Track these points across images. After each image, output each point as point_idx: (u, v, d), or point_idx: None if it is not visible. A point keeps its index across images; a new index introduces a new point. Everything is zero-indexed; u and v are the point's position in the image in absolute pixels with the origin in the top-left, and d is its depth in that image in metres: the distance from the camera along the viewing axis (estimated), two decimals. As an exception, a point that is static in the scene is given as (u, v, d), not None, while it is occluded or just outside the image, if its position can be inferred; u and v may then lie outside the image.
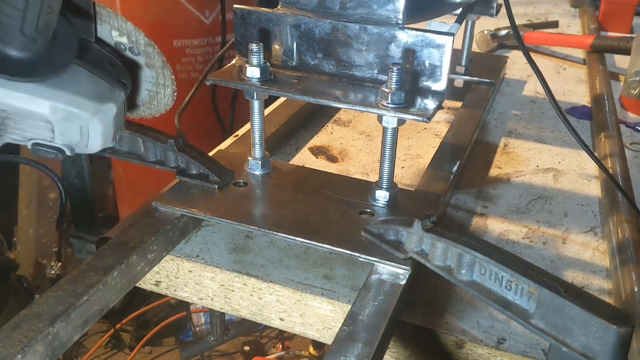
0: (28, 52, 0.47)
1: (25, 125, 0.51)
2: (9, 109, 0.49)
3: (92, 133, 0.52)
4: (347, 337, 0.57)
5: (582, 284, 0.72)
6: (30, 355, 0.53)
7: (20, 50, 0.46)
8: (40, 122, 0.50)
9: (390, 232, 0.67)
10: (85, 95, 0.50)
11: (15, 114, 0.49)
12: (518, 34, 0.83)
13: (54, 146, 0.52)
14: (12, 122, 0.50)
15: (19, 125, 0.51)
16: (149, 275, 0.75)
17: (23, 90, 0.48)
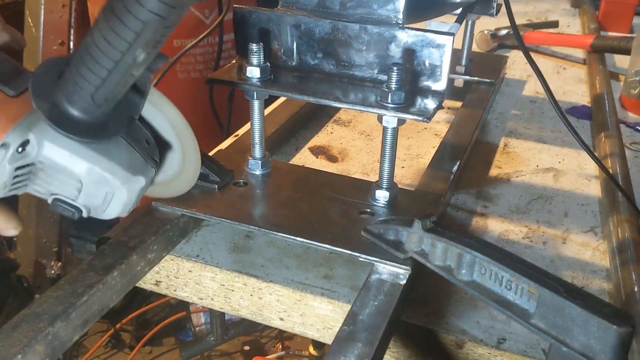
0: (89, 116, 0.48)
1: (55, 180, 0.52)
2: (47, 162, 0.50)
3: (115, 200, 0.54)
4: (347, 337, 0.57)
5: (582, 284, 0.72)
6: (30, 355, 0.53)
7: (83, 112, 0.48)
8: (70, 180, 0.51)
9: (390, 232, 0.67)
10: (120, 164, 0.51)
11: (51, 167, 0.50)
12: (518, 33, 0.83)
13: (74, 205, 0.53)
14: (44, 175, 0.51)
15: (48, 178, 0.52)
16: (149, 275, 0.75)
17: (68, 147, 0.49)
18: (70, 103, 0.48)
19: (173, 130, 0.58)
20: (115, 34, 0.43)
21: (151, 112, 0.57)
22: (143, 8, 0.41)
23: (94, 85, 0.46)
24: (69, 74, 0.47)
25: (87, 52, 0.45)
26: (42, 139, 0.49)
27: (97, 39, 0.44)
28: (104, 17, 0.43)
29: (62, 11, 2.13)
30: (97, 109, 0.48)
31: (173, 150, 0.60)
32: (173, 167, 0.61)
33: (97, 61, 0.45)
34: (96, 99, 0.47)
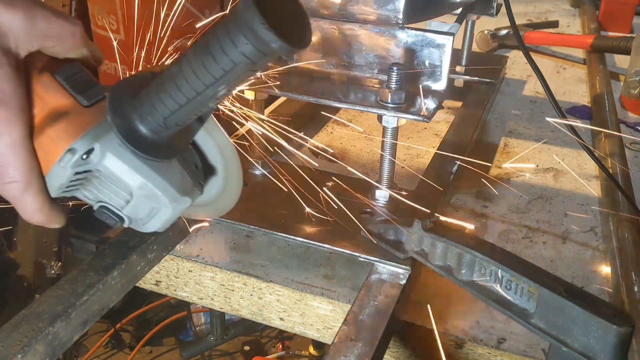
0: (156, 136, 0.51)
1: (106, 188, 0.54)
2: (104, 172, 0.52)
3: (158, 216, 0.56)
4: (347, 337, 0.57)
5: (582, 284, 0.72)
6: (30, 354, 0.53)
7: (151, 132, 0.51)
8: (122, 191, 0.54)
9: (390, 232, 0.67)
10: (172, 184, 0.54)
11: (107, 177, 0.53)
12: (518, 33, 0.83)
13: (118, 214, 0.55)
14: (97, 182, 0.54)
15: (101, 186, 0.54)
16: (149, 275, 0.75)
17: (128, 161, 0.52)
18: (142, 122, 0.50)
19: (220, 156, 0.61)
20: (204, 69, 0.45)
21: (203, 136, 0.59)
22: (237, 50, 0.42)
23: (170, 110, 0.49)
24: (147, 95, 0.49)
25: (172, 80, 0.47)
26: (106, 150, 0.51)
27: (185, 70, 0.46)
28: (195, 51, 0.45)
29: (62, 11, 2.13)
30: (165, 131, 0.51)
31: (217, 175, 0.62)
32: (214, 190, 0.63)
33: (180, 89, 0.47)
34: (168, 122, 0.50)
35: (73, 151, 0.50)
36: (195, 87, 0.47)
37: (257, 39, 0.41)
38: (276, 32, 0.40)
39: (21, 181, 0.49)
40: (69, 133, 0.50)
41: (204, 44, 0.45)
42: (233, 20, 0.42)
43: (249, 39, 0.41)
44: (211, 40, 0.44)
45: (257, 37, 0.41)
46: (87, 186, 0.55)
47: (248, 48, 0.42)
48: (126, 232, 0.69)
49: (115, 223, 0.56)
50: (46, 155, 0.51)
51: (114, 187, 0.54)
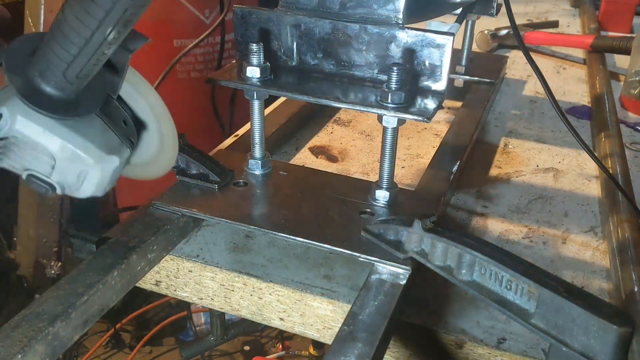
0: (62, 92, 0.49)
1: (28, 155, 0.52)
2: (20, 137, 0.50)
3: (88, 179, 0.54)
4: (347, 337, 0.57)
5: (582, 284, 0.72)
6: (30, 355, 0.53)
7: (55, 89, 0.49)
8: (44, 156, 0.52)
9: (390, 232, 0.67)
10: (94, 143, 0.52)
11: (24, 143, 0.51)
12: (518, 33, 0.83)
13: (47, 181, 0.54)
14: (17, 150, 0.52)
15: (21, 153, 0.52)
16: (149, 275, 0.75)
17: (41, 123, 0.50)
18: (43, 79, 0.48)
19: (152, 112, 0.58)
20: (85, 12, 0.43)
21: (131, 93, 0.57)
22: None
23: (65, 62, 0.47)
24: (42, 50, 0.47)
25: (59, 29, 0.45)
26: (16, 113, 0.49)
27: (68, 16, 0.44)
28: None
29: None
30: (70, 86, 0.49)
31: (150, 132, 0.60)
32: (150, 149, 0.61)
33: (67, 38, 0.45)
34: (68, 75, 0.48)
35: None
36: (82, 34, 0.45)
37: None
38: None
39: None
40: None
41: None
42: None
43: None
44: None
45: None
46: (8, 155, 0.53)
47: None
48: (126, 232, 0.69)
49: (46, 191, 0.55)
50: None
51: (35, 153, 0.52)
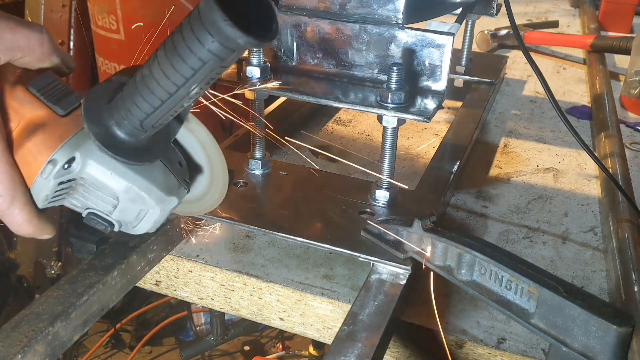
0: (135, 139, 0.51)
1: (92, 195, 0.55)
2: (88, 179, 0.53)
3: (147, 218, 0.57)
4: (347, 337, 0.57)
5: (582, 284, 0.72)
6: (30, 355, 0.53)
7: (130, 136, 0.51)
8: (108, 197, 0.54)
9: (390, 232, 0.67)
10: (156, 185, 0.55)
11: (90, 184, 0.54)
12: (518, 33, 0.83)
13: (107, 220, 0.56)
14: (83, 190, 0.55)
15: (86, 193, 0.55)
16: (149, 275, 0.75)
17: (110, 167, 0.52)
18: (119, 127, 0.51)
19: (204, 152, 0.61)
20: (174, 69, 0.45)
21: (184, 134, 0.59)
22: (204, 48, 0.42)
23: (145, 113, 0.49)
24: (122, 100, 0.50)
25: (144, 83, 0.47)
26: (87, 157, 0.52)
27: (155, 72, 0.46)
28: (164, 52, 0.45)
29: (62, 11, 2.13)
30: (143, 134, 0.51)
31: (203, 172, 0.63)
32: (201, 187, 0.64)
33: (152, 92, 0.47)
34: (144, 125, 0.50)
35: (54, 162, 0.51)
36: (167, 89, 0.47)
37: (223, 36, 0.41)
38: (241, 28, 0.40)
39: (6, 195, 0.50)
40: (48, 145, 0.51)
41: (171, 44, 0.44)
42: (197, 19, 0.42)
43: (215, 37, 0.41)
44: (178, 40, 0.44)
45: (222, 34, 0.41)
46: (73, 194, 0.55)
47: (215, 46, 0.42)
48: (125, 233, 0.69)
49: (105, 228, 0.57)
50: (28, 168, 0.51)
51: (100, 194, 0.54)
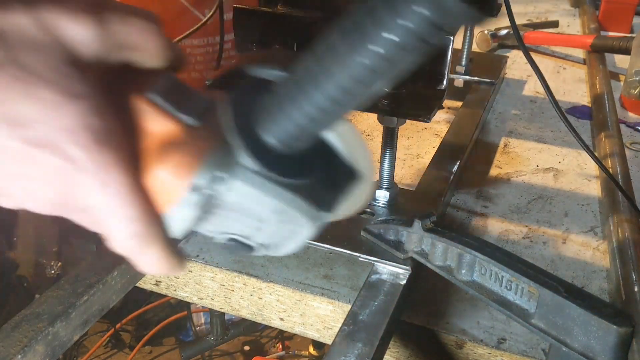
0: (287, 150, 0.42)
1: (234, 219, 0.44)
2: (231, 201, 0.42)
3: (296, 238, 0.47)
4: (347, 337, 0.57)
5: (582, 284, 0.72)
6: (30, 355, 0.53)
7: (284, 146, 0.42)
8: (252, 219, 0.44)
9: (390, 232, 0.67)
10: (309, 200, 0.44)
11: (234, 206, 0.43)
12: (518, 33, 0.83)
13: (248, 244, 0.46)
14: (222, 213, 0.43)
15: (225, 217, 0.44)
16: (149, 275, 0.75)
17: (259, 186, 0.42)
18: (273, 136, 0.41)
19: (354, 162, 0.51)
20: (356, 57, 0.35)
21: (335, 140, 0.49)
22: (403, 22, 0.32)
23: (309, 118, 0.39)
24: (276, 103, 0.40)
25: (309, 79, 0.37)
26: (233, 177, 0.41)
27: (327, 62, 0.36)
28: (340, 35, 0.34)
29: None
30: (301, 144, 0.42)
31: (353, 177, 0.52)
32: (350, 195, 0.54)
33: (321, 90, 0.37)
34: (305, 132, 0.40)
35: (196, 187, 0.40)
36: (344, 84, 0.36)
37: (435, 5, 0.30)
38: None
39: (142, 234, 0.39)
40: (186, 166, 0.40)
41: (351, 25, 0.34)
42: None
43: (422, 5, 0.31)
44: (361, 18, 0.33)
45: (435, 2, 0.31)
46: (209, 219, 0.44)
47: (418, 19, 0.31)
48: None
49: (245, 253, 0.47)
50: (163, 195, 0.40)
51: (243, 216, 0.44)
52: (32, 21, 0.34)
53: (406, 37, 0.32)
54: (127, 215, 0.38)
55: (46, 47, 0.34)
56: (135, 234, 0.38)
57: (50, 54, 0.34)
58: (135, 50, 0.39)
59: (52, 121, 0.34)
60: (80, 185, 0.36)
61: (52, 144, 0.34)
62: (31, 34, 0.34)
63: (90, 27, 0.35)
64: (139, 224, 0.38)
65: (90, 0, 0.36)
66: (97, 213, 0.38)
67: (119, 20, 0.37)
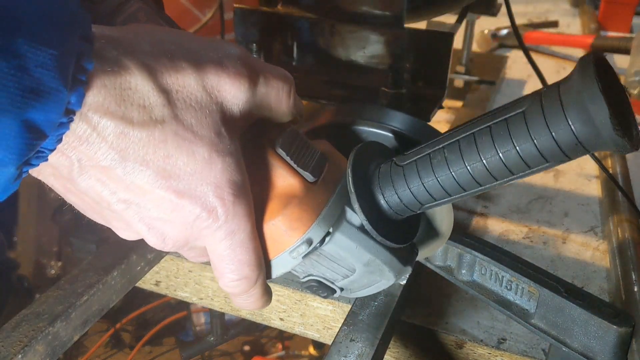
0: (398, 217, 0.45)
1: (325, 265, 0.48)
2: (329, 251, 0.45)
3: (375, 286, 0.50)
4: (347, 337, 0.57)
5: (582, 284, 0.72)
6: (30, 355, 0.53)
7: (396, 213, 0.45)
8: (343, 268, 0.48)
9: (390, 232, 0.67)
10: (397, 255, 0.48)
11: (329, 256, 0.46)
12: (518, 33, 0.83)
13: (331, 287, 0.49)
14: (315, 260, 0.47)
15: (318, 264, 0.47)
16: (149, 275, 0.75)
17: (357, 240, 0.45)
18: (388, 203, 0.44)
19: (441, 225, 0.55)
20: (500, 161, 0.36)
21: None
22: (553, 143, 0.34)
23: (434, 199, 0.42)
24: (402, 177, 0.43)
25: (445, 167, 0.40)
26: (338, 231, 0.44)
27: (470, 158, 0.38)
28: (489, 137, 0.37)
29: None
30: (412, 214, 0.45)
31: (435, 241, 0.56)
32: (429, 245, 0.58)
33: (457, 181, 0.39)
34: (424, 207, 0.43)
35: (309, 241, 0.43)
36: (480, 179, 0.38)
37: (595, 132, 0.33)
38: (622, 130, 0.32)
39: (251, 277, 0.42)
40: (302, 220, 0.43)
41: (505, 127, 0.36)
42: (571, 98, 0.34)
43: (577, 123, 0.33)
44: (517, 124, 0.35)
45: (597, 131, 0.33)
46: (304, 263, 0.47)
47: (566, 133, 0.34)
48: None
49: (327, 295, 0.50)
50: (274, 243, 0.44)
51: (335, 264, 0.47)
52: (199, 83, 0.37)
53: (548, 146, 0.34)
54: (242, 260, 0.41)
55: (206, 106, 0.37)
56: (245, 277, 0.42)
57: (209, 114, 0.37)
58: (272, 109, 0.43)
59: (202, 176, 0.37)
60: (207, 230, 0.39)
61: (196, 195, 0.37)
62: (197, 94, 0.37)
63: (246, 90, 0.39)
64: (251, 269, 0.42)
65: (248, 65, 0.39)
66: (213, 255, 0.41)
67: (265, 82, 0.41)
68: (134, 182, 0.36)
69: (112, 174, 0.35)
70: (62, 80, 0.30)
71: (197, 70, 0.37)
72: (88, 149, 0.34)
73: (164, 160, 0.36)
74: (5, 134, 0.29)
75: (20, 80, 0.29)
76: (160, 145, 0.35)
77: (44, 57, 0.29)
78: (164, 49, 0.36)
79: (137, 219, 0.38)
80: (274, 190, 0.43)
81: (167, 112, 0.35)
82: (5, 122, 0.29)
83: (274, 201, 0.43)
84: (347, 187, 0.44)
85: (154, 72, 0.35)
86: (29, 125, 0.30)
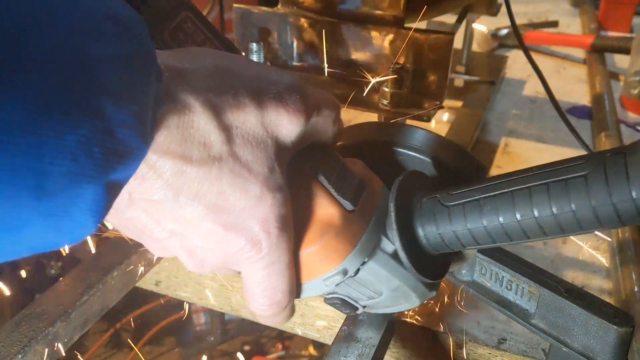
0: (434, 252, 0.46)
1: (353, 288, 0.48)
2: (361, 278, 0.46)
3: (397, 307, 0.51)
4: (347, 337, 0.57)
5: (582, 284, 0.72)
6: (30, 355, 0.53)
7: (434, 251, 0.45)
8: (371, 291, 0.48)
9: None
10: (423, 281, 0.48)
11: (360, 281, 0.46)
12: (518, 33, 0.83)
13: (354, 305, 0.50)
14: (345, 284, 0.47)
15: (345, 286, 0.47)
16: (149, 275, 0.75)
17: (389, 268, 0.45)
18: (428, 241, 0.44)
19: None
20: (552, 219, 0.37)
21: None
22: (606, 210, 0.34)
23: (477, 242, 0.42)
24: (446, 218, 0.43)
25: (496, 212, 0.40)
26: (370, 259, 0.45)
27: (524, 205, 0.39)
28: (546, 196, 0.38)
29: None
30: (450, 252, 0.45)
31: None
32: None
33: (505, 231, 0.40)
34: (459, 246, 0.43)
35: (344, 272, 0.44)
36: (528, 231, 0.39)
37: None
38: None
39: (283, 302, 0.42)
40: (339, 250, 0.43)
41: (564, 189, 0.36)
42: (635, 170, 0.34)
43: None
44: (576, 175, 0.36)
45: None
46: None
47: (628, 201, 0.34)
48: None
49: (350, 311, 0.50)
50: (309, 269, 0.44)
51: (363, 288, 0.47)
52: (258, 119, 0.36)
53: (607, 214, 0.34)
54: (277, 287, 0.41)
55: (262, 142, 0.37)
56: (276, 302, 0.42)
57: (264, 149, 0.37)
58: (319, 136, 0.42)
59: (252, 211, 0.37)
60: (248, 260, 0.39)
61: (243, 228, 0.37)
62: (255, 130, 0.36)
63: (301, 125, 0.38)
64: (283, 295, 0.42)
65: (305, 99, 0.39)
66: (248, 280, 0.41)
67: (317, 114, 0.40)
68: (183, 216, 0.35)
69: (160, 207, 0.34)
70: (143, 138, 0.29)
71: (258, 106, 0.36)
72: (141, 185, 0.33)
73: (217, 196, 0.35)
74: (87, 200, 0.28)
75: (105, 143, 0.27)
76: (216, 182, 0.35)
77: (126, 115, 0.28)
78: (228, 84, 0.36)
79: (179, 247, 0.38)
80: (313, 217, 0.43)
81: (226, 149, 0.35)
82: (89, 189, 0.27)
83: (313, 229, 0.43)
84: (383, 216, 0.45)
85: (218, 110, 0.34)
86: (111, 187, 0.29)
